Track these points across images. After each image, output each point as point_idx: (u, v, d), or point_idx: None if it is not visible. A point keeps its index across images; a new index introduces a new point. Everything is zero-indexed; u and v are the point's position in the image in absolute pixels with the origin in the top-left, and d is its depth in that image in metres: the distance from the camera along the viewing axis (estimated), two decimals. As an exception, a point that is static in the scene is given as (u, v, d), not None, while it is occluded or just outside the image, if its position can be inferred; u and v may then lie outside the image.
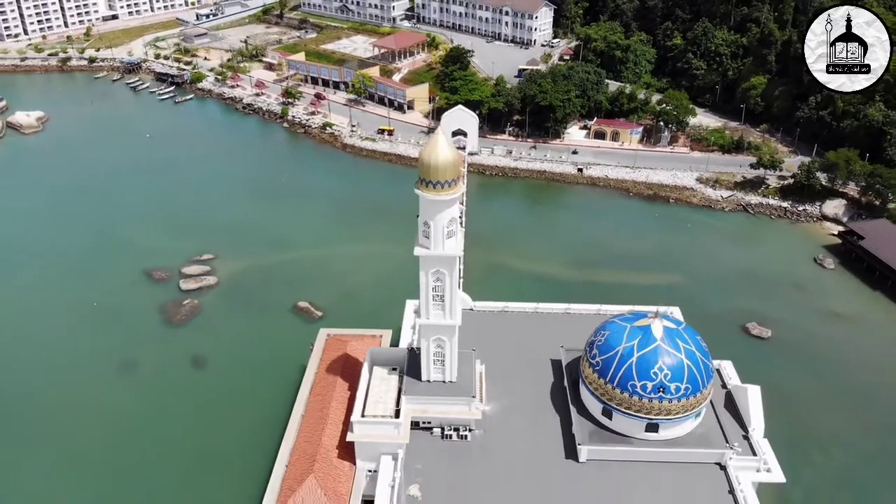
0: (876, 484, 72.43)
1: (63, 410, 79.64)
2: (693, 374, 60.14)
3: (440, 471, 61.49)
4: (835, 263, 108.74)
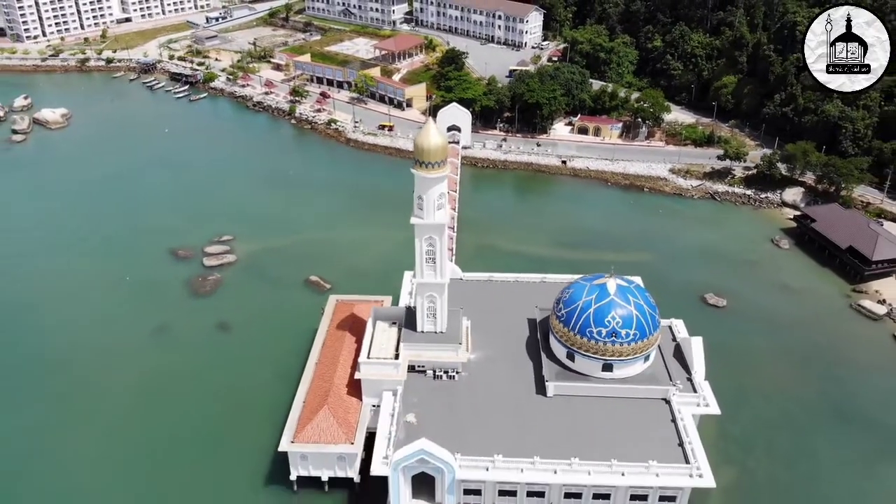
0: (807, 424, 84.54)
1: (105, 366, 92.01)
2: (641, 322, 72.66)
3: (432, 404, 73.96)
4: (790, 244, 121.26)
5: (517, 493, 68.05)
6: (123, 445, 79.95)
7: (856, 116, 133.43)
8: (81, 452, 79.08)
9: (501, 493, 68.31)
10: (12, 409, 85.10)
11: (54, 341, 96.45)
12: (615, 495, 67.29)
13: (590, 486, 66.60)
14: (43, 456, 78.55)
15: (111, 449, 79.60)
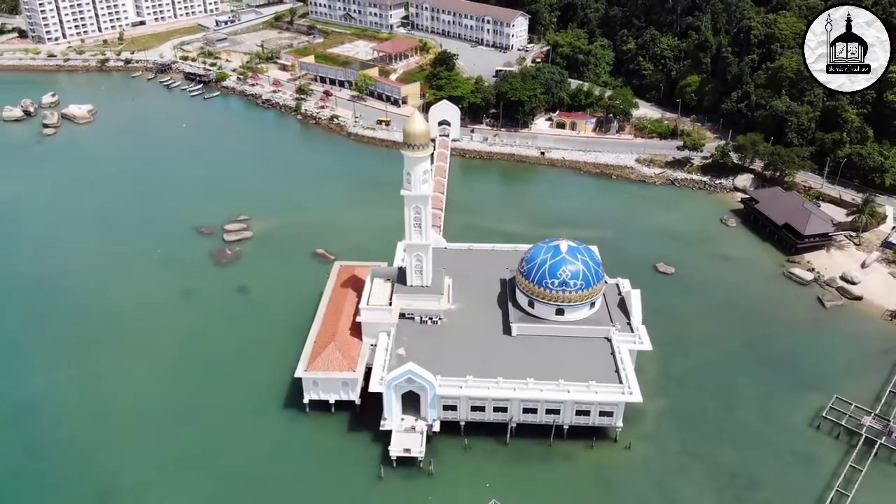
0: (733, 366, 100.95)
1: (144, 319, 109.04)
2: (586, 275, 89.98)
3: (419, 342, 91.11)
4: (736, 223, 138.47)
5: (485, 409, 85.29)
6: (163, 378, 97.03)
7: (800, 111, 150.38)
8: (129, 384, 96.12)
9: (473, 409, 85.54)
10: (71, 350, 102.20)
11: (100, 300, 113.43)
12: (563, 410, 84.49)
13: (542, 401, 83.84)
14: (100, 386, 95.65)
15: (153, 381, 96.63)
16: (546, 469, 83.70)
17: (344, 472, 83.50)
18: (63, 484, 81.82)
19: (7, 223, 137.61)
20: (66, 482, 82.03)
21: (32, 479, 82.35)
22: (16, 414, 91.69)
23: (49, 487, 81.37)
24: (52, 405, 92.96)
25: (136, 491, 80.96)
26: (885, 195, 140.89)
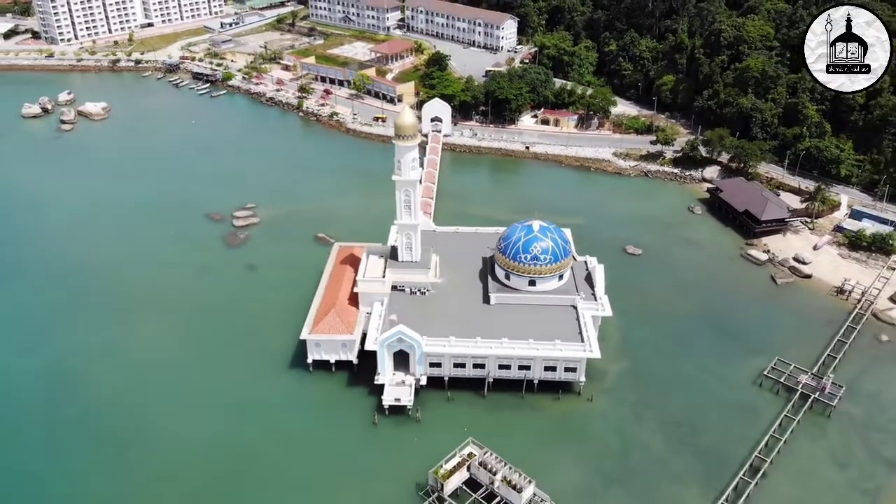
0: (688, 335, 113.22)
1: (163, 291, 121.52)
2: (555, 251, 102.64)
3: (408, 310, 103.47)
4: (702, 210, 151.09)
5: (466, 365, 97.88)
6: (182, 342, 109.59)
7: (764, 108, 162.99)
8: (152, 345, 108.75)
9: (455, 365, 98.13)
10: (101, 316, 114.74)
11: (124, 275, 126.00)
12: (533, 366, 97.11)
13: (515, 358, 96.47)
14: (127, 346, 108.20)
15: (173, 344, 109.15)
16: (518, 417, 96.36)
17: (343, 419, 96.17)
18: (99, 423, 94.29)
19: (37, 209, 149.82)
20: (101, 422, 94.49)
21: (73, 418, 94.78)
22: (57, 367, 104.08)
23: (87, 425, 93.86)
24: (88, 360, 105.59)
25: (159, 430, 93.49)
26: (841, 185, 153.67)
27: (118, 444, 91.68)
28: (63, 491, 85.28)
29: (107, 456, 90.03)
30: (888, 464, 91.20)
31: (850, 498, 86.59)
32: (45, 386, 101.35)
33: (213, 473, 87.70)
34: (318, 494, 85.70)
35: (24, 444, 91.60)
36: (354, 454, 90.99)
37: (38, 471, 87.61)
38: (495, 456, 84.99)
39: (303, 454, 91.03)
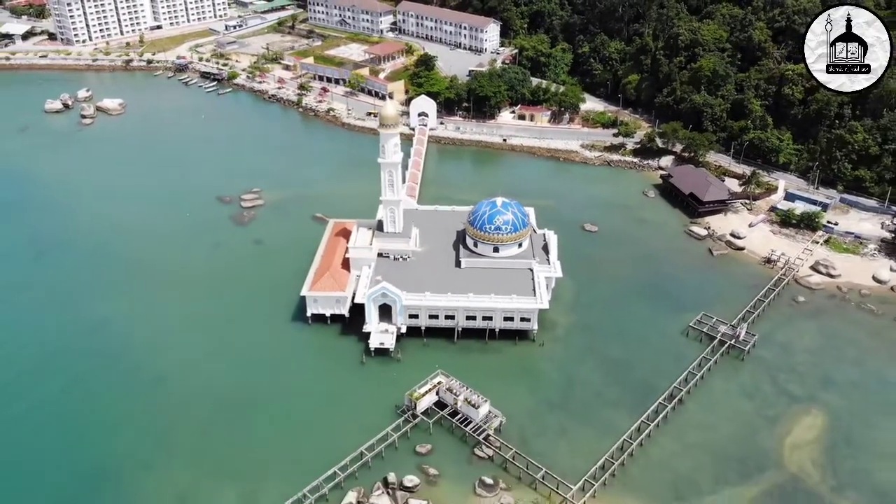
0: (632, 296, 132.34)
1: (179, 263, 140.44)
2: (515, 222, 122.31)
3: (392, 273, 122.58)
4: (655, 194, 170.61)
5: (439, 317, 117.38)
6: (199, 302, 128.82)
7: (714, 103, 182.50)
8: (173, 305, 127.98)
9: (430, 317, 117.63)
10: (128, 285, 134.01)
11: (146, 250, 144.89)
12: (495, 316, 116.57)
13: (479, 309, 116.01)
14: (152, 308, 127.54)
15: (192, 304, 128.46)
16: (481, 358, 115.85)
17: (336, 360, 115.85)
18: (131, 369, 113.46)
19: (67, 193, 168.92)
20: (133, 368, 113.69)
21: (107, 366, 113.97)
22: (93, 327, 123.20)
23: (121, 371, 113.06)
24: (118, 321, 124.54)
25: (184, 368, 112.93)
26: (780, 171, 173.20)
27: (152, 380, 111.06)
28: (111, 413, 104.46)
29: (143, 387, 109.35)
30: (790, 396, 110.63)
31: (753, 422, 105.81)
32: (92, 337, 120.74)
33: (228, 400, 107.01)
34: (315, 416, 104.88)
35: (79, 380, 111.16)
36: (345, 386, 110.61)
37: (90, 398, 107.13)
38: (459, 382, 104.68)
39: (302, 387, 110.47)
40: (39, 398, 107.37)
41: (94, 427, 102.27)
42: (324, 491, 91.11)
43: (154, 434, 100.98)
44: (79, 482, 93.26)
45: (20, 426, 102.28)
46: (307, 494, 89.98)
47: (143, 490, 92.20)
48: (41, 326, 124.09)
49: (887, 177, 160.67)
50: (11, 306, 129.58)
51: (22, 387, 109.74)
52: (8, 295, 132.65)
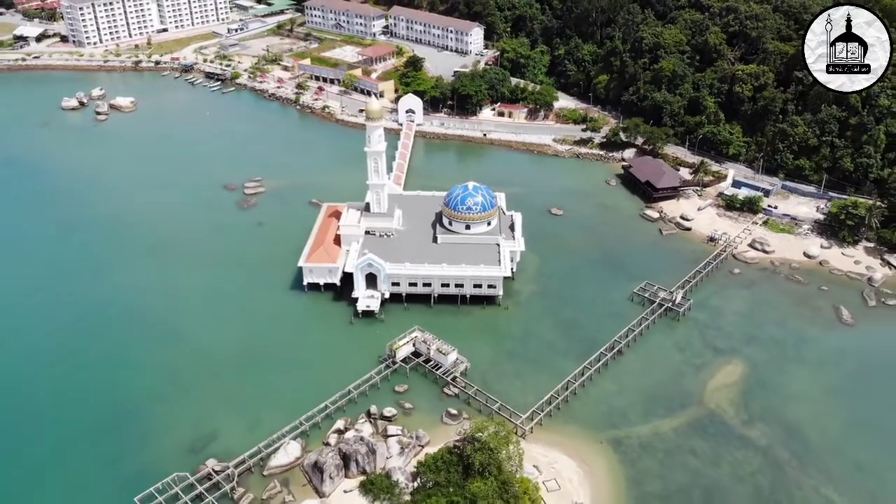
0: (589, 270, 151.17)
1: (189, 242, 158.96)
2: (484, 203, 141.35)
3: (377, 247, 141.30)
4: (616, 183, 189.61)
5: (417, 284, 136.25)
6: (208, 275, 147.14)
7: (673, 101, 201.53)
8: (184, 277, 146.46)
9: (410, 284, 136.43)
10: (143, 260, 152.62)
11: (159, 231, 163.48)
12: (465, 284, 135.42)
13: (452, 277, 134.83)
14: (165, 279, 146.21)
15: (201, 276, 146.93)
16: (453, 319, 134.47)
17: (328, 321, 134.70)
18: (151, 325, 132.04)
19: (87, 182, 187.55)
20: (153, 324, 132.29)
21: (130, 323, 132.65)
22: (117, 292, 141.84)
23: (142, 327, 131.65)
24: (139, 287, 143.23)
25: (196, 328, 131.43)
26: (731, 161, 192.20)
27: (169, 335, 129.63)
28: (135, 360, 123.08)
29: (162, 340, 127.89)
30: (715, 349, 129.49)
31: (681, 369, 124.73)
32: (116, 300, 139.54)
33: (236, 351, 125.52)
34: (310, 364, 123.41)
35: (107, 334, 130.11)
36: (336, 341, 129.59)
37: (117, 348, 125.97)
38: (432, 336, 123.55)
39: (300, 341, 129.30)
40: (75, 347, 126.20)
41: (121, 371, 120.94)
42: (317, 419, 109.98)
43: (172, 377, 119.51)
44: (113, 412, 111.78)
45: (61, 370, 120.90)
46: (303, 422, 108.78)
47: (166, 418, 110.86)
48: (73, 290, 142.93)
49: (824, 165, 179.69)
50: (48, 274, 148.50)
51: (60, 339, 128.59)
52: (45, 265, 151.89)
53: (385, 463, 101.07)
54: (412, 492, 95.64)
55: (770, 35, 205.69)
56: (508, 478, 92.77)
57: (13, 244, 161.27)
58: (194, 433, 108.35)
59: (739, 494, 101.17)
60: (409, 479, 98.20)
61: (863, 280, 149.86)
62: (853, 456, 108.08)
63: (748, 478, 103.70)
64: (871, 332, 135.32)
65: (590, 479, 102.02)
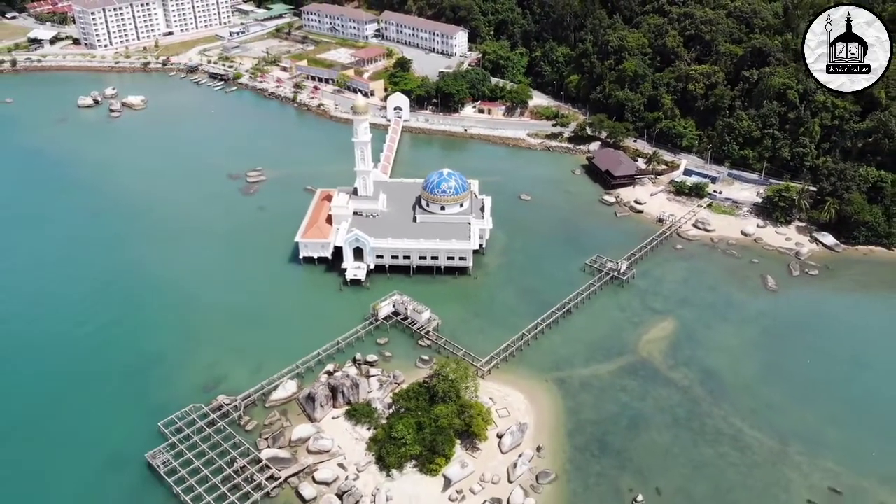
0: (551, 246, 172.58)
1: (197, 223, 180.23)
2: (457, 187, 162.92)
3: (364, 225, 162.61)
4: (581, 172, 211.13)
5: (398, 257, 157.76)
6: (215, 251, 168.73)
7: (634, 99, 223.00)
8: (195, 254, 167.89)
9: (392, 257, 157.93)
10: (156, 239, 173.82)
11: (171, 214, 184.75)
12: (440, 256, 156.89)
13: (428, 250, 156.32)
14: (177, 255, 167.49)
15: (209, 253, 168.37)
16: (430, 286, 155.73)
17: (321, 288, 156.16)
18: (166, 291, 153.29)
19: (105, 172, 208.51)
20: (168, 290, 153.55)
21: (149, 288, 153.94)
22: (137, 263, 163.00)
23: (159, 292, 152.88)
24: (156, 260, 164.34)
25: (206, 294, 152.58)
26: (684, 152, 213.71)
27: (183, 299, 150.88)
28: (154, 318, 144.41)
29: (176, 303, 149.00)
30: (653, 310, 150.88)
31: (621, 326, 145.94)
32: (136, 270, 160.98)
33: (241, 312, 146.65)
34: (305, 323, 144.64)
35: (130, 298, 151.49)
36: (327, 305, 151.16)
37: (138, 309, 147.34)
38: (409, 298, 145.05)
39: (296, 305, 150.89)
40: (103, 308, 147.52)
41: (144, 328, 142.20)
42: (310, 364, 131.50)
43: (188, 332, 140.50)
44: (139, 359, 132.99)
45: (92, 327, 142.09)
46: (298, 365, 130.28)
47: (183, 364, 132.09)
48: (98, 262, 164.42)
49: (766, 155, 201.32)
50: (79, 249, 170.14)
51: (88, 303, 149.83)
52: (71, 241, 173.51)
53: (367, 395, 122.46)
54: (388, 417, 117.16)
55: (722, 38, 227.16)
56: (466, 403, 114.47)
57: (43, 224, 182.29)
58: (207, 375, 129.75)
59: (659, 421, 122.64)
60: (385, 408, 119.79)
61: (790, 254, 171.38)
62: (760, 394, 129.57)
63: (668, 409, 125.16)
64: (790, 297, 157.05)
65: (535, 408, 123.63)
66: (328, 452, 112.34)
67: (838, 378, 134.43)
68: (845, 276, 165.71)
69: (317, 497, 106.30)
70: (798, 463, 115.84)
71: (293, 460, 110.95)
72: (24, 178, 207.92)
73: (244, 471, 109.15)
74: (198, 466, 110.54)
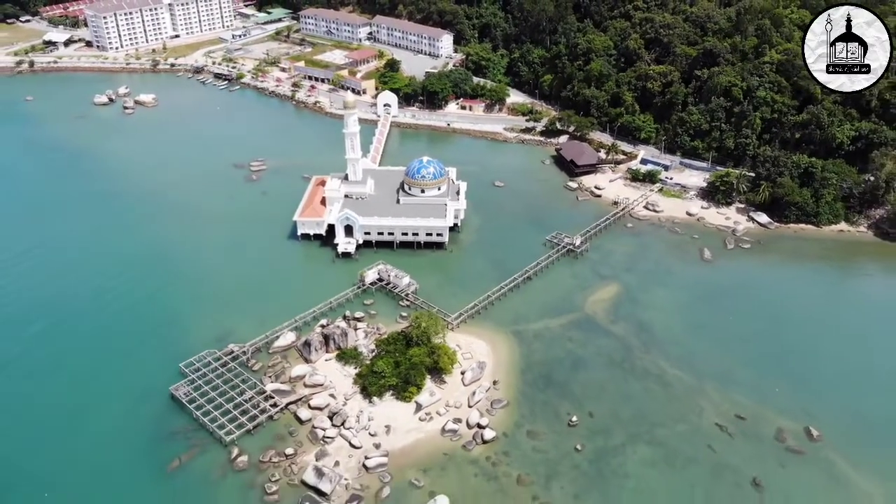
0: (520, 226, 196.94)
1: (204, 208, 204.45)
2: (435, 173, 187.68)
3: (354, 206, 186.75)
4: (549, 162, 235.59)
5: (384, 233, 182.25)
6: (222, 229, 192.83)
7: (599, 96, 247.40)
8: (202, 233, 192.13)
9: (378, 233, 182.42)
10: (169, 219, 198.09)
11: (182, 199, 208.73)
12: (420, 233, 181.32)
13: (410, 227, 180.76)
14: (186, 235, 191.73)
15: (217, 231, 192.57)
16: (411, 258, 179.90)
17: (316, 260, 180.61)
18: (177, 264, 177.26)
19: (121, 163, 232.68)
20: (179, 264, 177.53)
21: (161, 263, 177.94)
22: (150, 242, 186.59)
23: (171, 266, 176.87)
24: (167, 239, 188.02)
25: (214, 267, 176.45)
26: (643, 144, 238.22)
27: (193, 272, 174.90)
28: (167, 287, 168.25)
29: (187, 275, 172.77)
30: (601, 276, 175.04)
31: (572, 289, 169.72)
32: (150, 248, 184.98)
33: (246, 281, 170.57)
34: (302, 289, 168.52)
35: (145, 271, 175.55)
36: (321, 274, 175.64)
37: (152, 279, 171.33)
38: (391, 266, 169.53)
39: (294, 275, 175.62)
40: (124, 279, 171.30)
41: (163, 291, 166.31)
42: (307, 319, 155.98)
43: (201, 297, 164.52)
44: (159, 318, 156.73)
45: (111, 295, 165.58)
46: (297, 320, 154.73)
47: (198, 321, 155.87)
48: (117, 241, 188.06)
49: (714, 145, 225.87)
50: (96, 228, 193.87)
51: (108, 276, 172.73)
52: (92, 224, 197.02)
53: (354, 342, 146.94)
54: (371, 359, 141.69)
55: (679, 40, 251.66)
56: (435, 346, 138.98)
57: (65, 209, 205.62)
58: (219, 329, 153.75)
59: (597, 363, 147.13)
60: (370, 352, 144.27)
61: (728, 231, 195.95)
62: (686, 344, 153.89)
63: (605, 354, 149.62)
64: (723, 267, 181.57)
65: (494, 352, 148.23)
66: (321, 386, 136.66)
67: (756, 333, 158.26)
68: (774, 249, 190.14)
69: (311, 418, 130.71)
70: (711, 396, 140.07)
71: (292, 392, 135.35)
72: (51, 167, 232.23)
73: (252, 400, 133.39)
74: (213, 396, 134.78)
